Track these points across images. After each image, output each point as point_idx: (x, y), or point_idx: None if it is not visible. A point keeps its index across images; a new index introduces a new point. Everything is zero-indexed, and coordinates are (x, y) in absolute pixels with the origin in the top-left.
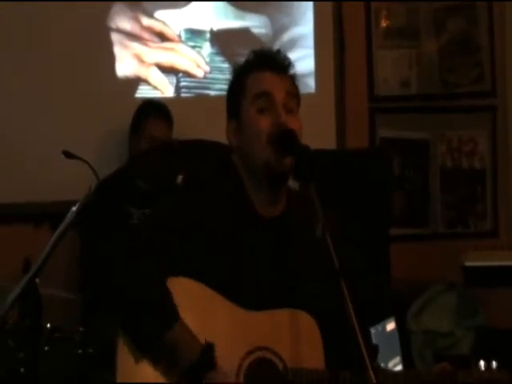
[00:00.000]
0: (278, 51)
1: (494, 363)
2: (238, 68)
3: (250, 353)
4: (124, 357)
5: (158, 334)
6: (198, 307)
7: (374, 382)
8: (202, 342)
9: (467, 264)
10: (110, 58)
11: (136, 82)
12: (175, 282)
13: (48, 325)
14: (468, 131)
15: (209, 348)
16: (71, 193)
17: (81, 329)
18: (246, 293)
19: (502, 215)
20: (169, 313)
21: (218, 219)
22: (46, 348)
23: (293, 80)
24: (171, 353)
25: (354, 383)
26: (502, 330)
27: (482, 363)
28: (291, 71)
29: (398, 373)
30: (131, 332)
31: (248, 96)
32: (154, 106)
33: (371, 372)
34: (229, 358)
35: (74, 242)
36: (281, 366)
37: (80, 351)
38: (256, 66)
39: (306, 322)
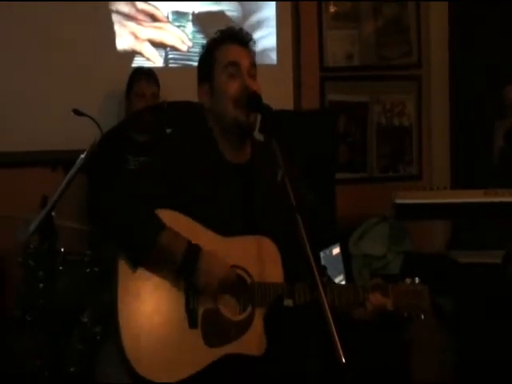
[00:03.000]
0: (241, 29)
1: (417, 279)
2: (209, 42)
3: None
4: (124, 270)
5: (151, 240)
6: (181, 232)
7: (324, 297)
8: None
9: (397, 201)
10: (111, 35)
11: (132, 54)
12: (163, 213)
13: (62, 249)
14: (398, 96)
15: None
16: (80, 143)
17: (88, 252)
18: (220, 223)
19: (425, 162)
20: (157, 224)
21: (194, 166)
22: (61, 268)
23: (253, 53)
24: (164, 254)
25: (307, 297)
26: (423, 254)
27: (407, 279)
28: (252, 45)
29: (341, 286)
30: (129, 248)
31: (220, 64)
32: (141, 70)
33: (321, 288)
34: None
35: (82, 183)
36: (249, 281)
37: (88, 270)
38: (225, 39)
39: (269, 246)
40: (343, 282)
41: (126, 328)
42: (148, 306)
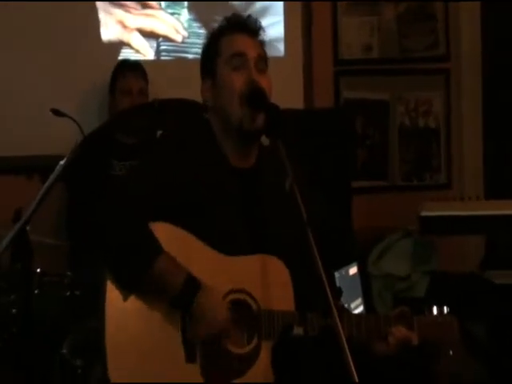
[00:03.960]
0: (249, 16)
1: (446, 308)
2: (212, 32)
3: (227, 294)
4: (113, 294)
5: (145, 266)
6: (177, 249)
7: (339, 323)
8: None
9: (423, 214)
10: (96, 24)
11: (119, 45)
12: (156, 226)
13: (38, 269)
14: (424, 93)
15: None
16: (59, 147)
17: (68, 273)
18: (222, 238)
19: (455, 169)
20: (153, 247)
21: (193, 171)
22: (37, 291)
23: (262, 44)
24: (159, 282)
25: (321, 324)
26: (453, 274)
27: (434, 308)
28: (261, 35)
29: (360, 315)
30: (120, 272)
31: (223, 56)
32: (127, 63)
33: (336, 314)
34: None
35: (61, 193)
36: (255, 307)
37: (68, 293)
38: (230, 29)
39: (277, 266)
40: (361, 307)
41: (114, 361)
42: (140, 335)
